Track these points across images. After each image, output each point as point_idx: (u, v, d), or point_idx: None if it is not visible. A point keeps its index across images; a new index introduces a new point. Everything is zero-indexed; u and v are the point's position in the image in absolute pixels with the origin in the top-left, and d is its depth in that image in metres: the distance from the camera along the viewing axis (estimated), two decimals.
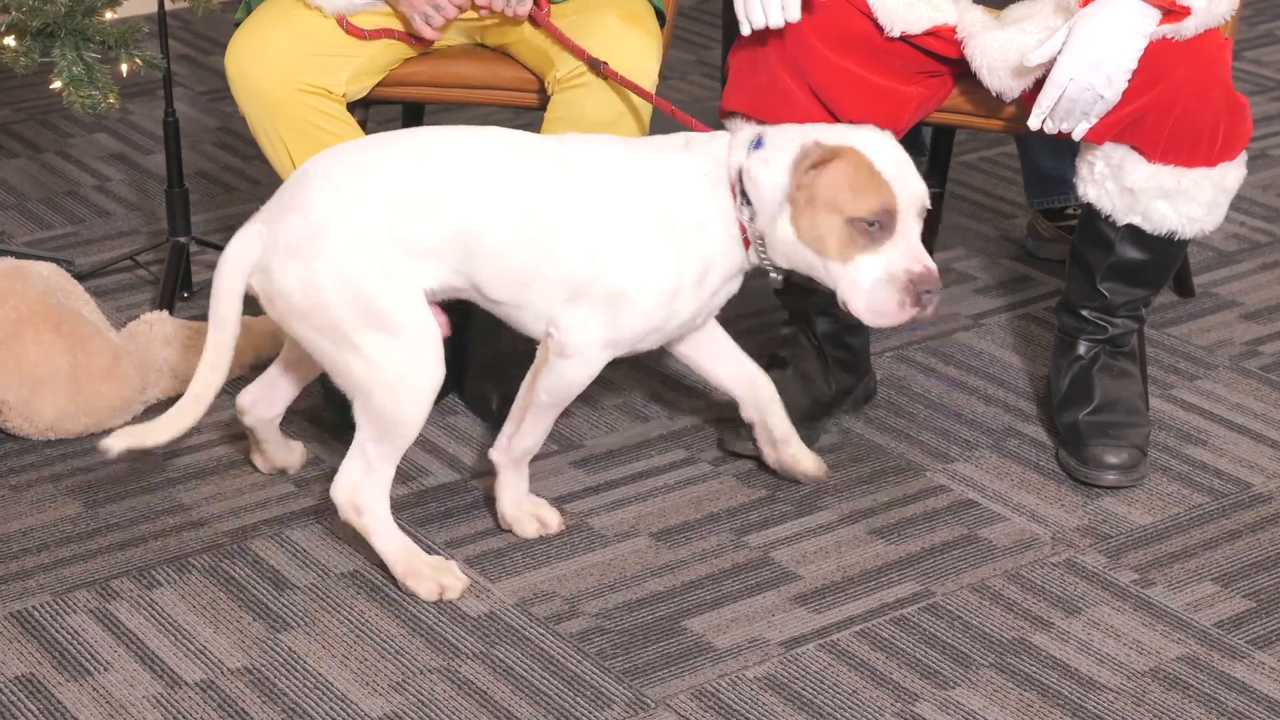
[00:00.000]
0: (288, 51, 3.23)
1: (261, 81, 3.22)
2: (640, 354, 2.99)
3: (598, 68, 3.17)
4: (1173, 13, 2.91)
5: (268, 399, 3.09)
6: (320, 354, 2.84)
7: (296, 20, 3.26)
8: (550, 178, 2.85)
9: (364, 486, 2.86)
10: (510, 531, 3.04)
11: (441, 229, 2.83)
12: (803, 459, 3.14)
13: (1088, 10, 2.93)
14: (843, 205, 2.78)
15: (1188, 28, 2.94)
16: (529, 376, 2.95)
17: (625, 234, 2.84)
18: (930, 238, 3.73)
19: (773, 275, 2.93)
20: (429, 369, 2.83)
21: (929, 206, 2.86)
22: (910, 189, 2.81)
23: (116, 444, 2.85)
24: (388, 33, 3.28)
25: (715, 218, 2.86)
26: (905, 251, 2.80)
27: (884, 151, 2.81)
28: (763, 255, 2.88)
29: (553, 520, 3.05)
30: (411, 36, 3.31)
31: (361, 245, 2.79)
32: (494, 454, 3.02)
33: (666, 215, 2.85)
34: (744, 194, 2.84)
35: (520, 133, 2.92)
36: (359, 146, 2.88)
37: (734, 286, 2.98)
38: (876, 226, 2.78)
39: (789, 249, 2.84)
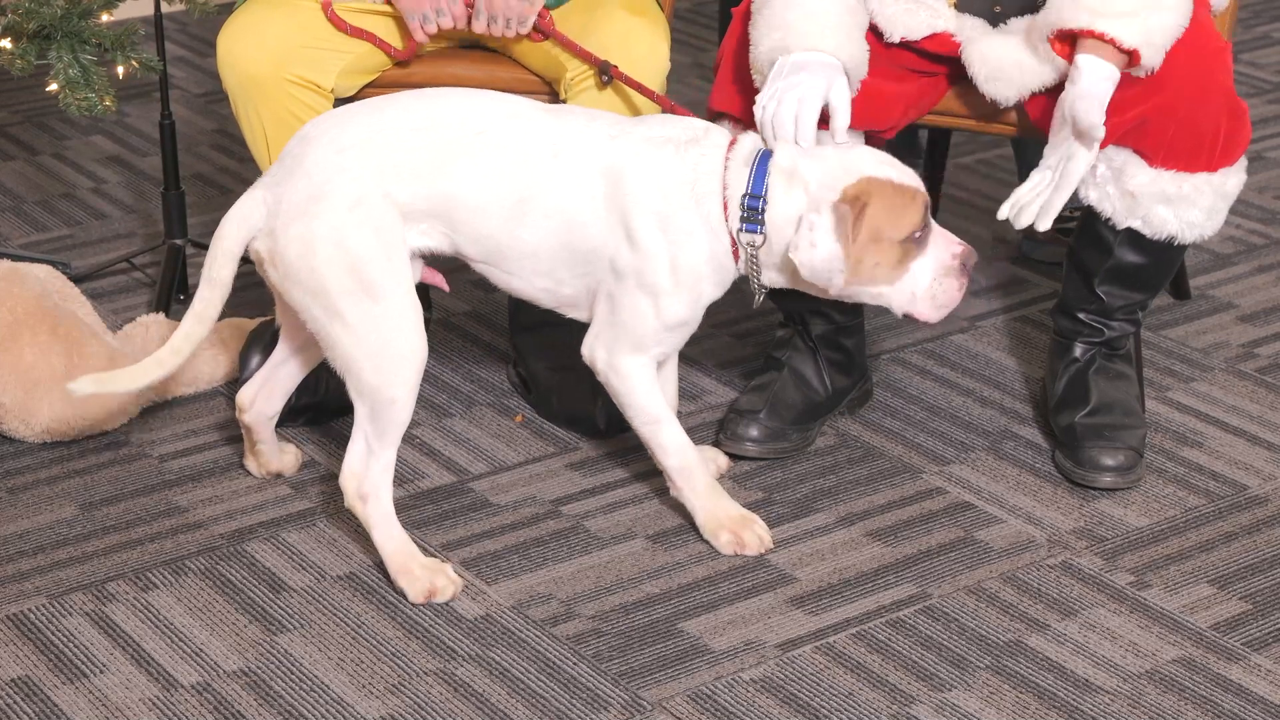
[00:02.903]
0: (283, 41, 3.22)
1: (252, 67, 3.22)
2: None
3: (607, 72, 3.17)
4: (1130, 63, 2.90)
5: (266, 394, 3.10)
6: (312, 323, 2.85)
7: (296, 11, 3.25)
8: (543, 164, 2.86)
9: (368, 473, 2.87)
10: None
11: (432, 195, 2.84)
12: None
13: (1072, 93, 2.91)
14: (893, 233, 2.80)
15: (1152, 61, 2.91)
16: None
17: (612, 229, 2.85)
18: None
19: (756, 289, 2.91)
20: (411, 341, 2.83)
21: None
22: (920, 184, 2.85)
23: (83, 387, 2.85)
24: (370, 36, 3.28)
25: (701, 229, 2.86)
26: (941, 240, 2.84)
27: (886, 163, 2.83)
28: (756, 272, 2.87)
29: (752, 542, 3.00)
30: (391, 46, 3.30)
31: (359, 207, 2.80)
32: (673, 492, 3.04)
33: (658, 214, 2.84)
34: (747, 219, 2.83)
35: (522, 103, 2.91)
36: (360, 109, 2.89)
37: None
38: (920, 234, 2.82)
39: (819, 277, 2.83)
